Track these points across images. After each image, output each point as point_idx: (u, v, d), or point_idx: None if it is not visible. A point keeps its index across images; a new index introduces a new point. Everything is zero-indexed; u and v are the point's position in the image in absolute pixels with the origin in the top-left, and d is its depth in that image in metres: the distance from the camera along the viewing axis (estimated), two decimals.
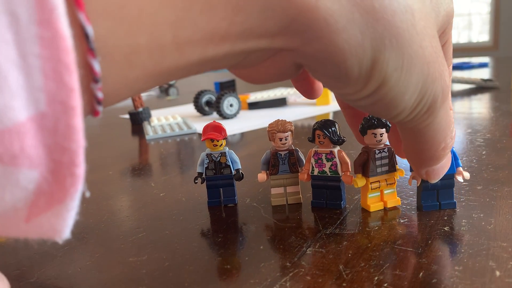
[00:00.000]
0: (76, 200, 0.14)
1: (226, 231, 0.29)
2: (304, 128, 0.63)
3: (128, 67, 0.14)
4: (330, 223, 0.29)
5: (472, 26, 4.58)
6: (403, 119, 0.21)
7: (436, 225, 0.27)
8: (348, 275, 0.23)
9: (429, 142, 0.22)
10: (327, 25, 0.16)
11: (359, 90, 0.19)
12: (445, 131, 0.22)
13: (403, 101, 0.19)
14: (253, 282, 0.23)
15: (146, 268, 0.25)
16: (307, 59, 0.17)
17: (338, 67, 0.17)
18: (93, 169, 0.49)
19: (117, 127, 0.76)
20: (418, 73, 0.19)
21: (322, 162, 0.31)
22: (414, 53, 0.18)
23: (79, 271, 0.26)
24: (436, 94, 0.20)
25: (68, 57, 0.12)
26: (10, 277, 0.25)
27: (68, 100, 0.12)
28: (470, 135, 0.49)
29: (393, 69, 0.18)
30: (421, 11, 0.19)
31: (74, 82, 0.12)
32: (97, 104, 0.14)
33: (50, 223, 0.14)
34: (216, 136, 0.33)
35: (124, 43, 0.14)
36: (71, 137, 0.13)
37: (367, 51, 0.17)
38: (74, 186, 0.13)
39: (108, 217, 0.34)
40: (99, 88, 0.13)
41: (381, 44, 0.17)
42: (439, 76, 0.20)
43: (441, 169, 0.25)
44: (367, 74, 0.18)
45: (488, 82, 0.85)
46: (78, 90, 0.12)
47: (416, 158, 0.24)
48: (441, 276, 0.22)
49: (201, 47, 0.15)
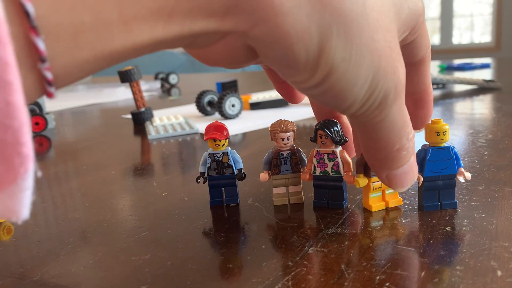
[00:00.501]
0: (29, 180, 0.13)
1: (228, 231, 0.30)
2: (306, 128, 0.63)
3: (75, 47, 0.14)
4: (332, 222, 0.29)
5: (474, 27, 4.57)
6: (354, 113, 0.20)
7: (437, 225, 0.28)
8: (350, 275, 0.23)
9: (383, 140, 0.22)
10: (272, 7, 0.16)
11: (307, 79, 0.18)
12: (400, 131, 0.22)
13: (352, 93, 0.19)
14: (255, 281, 0.23)
15: (149, 267, 0.25)
16: (256, 42, 0.17)
17: (285, 52, 0.17)
18: (95, 168, 0.49)
19: (119, 127, 0.76)
20: (368, 65, 0.18)
21: (324, 162, 0.31)
22: (363, 45, 0.18)
23: (82, 270, 0.26)
24: (387, 89, 0.19)
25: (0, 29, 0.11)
26: (13, 275, 0.25)
27: (3, 74, 0.12)
28: (472, 136, 0.49)
29: (341, 59, 0.18)
30: (375, 3, 0.18)
31: (8, 56, 0.12)
32: (48, 85, 0.14)
33: (4, 204, 0.14)
34: (219, 136, 0.33)
35: (68, 21, 0.13)
36: (11, 114, 0.12)
37: (314, 37, 0.17)
38: (23, 165, 0.13)
39: (111, 216, 0.34)
40: (47, 67, 0.13)
41: (328, 31, 0.17)
42: (392, 71, 0.19)
43: (403, 176, 0.24)
44: (314, 62, 0.18)
45: (490, 83, 0.85)
46: (14, 65, 0.12)
47: (373, 158, 0.24)
48: (442, 275, 0.22)
49: (149, 26, 0.15)
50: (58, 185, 0.44)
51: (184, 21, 0.16)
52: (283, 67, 0.18)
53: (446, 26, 4.58)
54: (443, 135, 0.29)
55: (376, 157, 0.23)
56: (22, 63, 0.13)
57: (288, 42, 0.17)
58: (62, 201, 0.39)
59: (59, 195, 0.40)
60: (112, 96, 1.22)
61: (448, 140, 0.29)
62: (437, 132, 0.29)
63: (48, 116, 0.77)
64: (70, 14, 0.13)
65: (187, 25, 0.16)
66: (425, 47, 0.25)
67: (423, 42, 0.25)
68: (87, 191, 0.41)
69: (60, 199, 0.39)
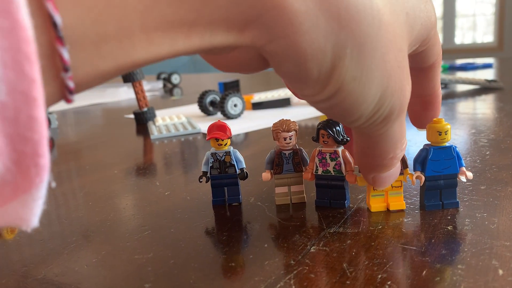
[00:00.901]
0: (42, 190, 0.14)
1: (231, 230, 0.30)
2: (308, 128, 0.63)
3: (98, 57, 0.14)
4: (334, 222, 0.29)
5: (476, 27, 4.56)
6: (358, 126, 0.21)
7: (439, 224, 0.28)
8: (351, 273, 0.23)
9: (380, 150, 0.23)
10: (291, 25, 0.16)
11: (317, 93, 0.19)
12: (396, 143, 0.23)
13: (359, 110, 0.19)
14: (257, 279, 0.23)
15: (152, 265, 0.25)
16: (270, 55, 0.18)
17: (299, 68, 0.18)
18: (98, 168, 0.49)
19: (122, 127, 0.77)
20: (377, 84, 0.19)
21: (326, 162, 0.32)
22: (375, 65, 0.18)
23: (86, 268, 0.26)
24: (393, 106, 0.20)
25: (28, 47, 0.12)
26: (17, 274, 0.26)
27: (29, 90, 0.12)
28: (474, 136, 0.49)
29: (352, 78, 0.18)
30: (391, 25, 0.19)
31: (35, 73, 0.12)
32: (69, 93, 0.14)
33: (16, 212, 0.14)
34: (221, 136, 0.33)
35: (92, 31, 0.14)
36: (33, 128, 0.12)
37: (328, 56, 0.17)
38: (39, 176, 0.13)
39: (114, 215, 0.34)
40: (70, 77, 0.14)
41: (342, 52, 0.17)
42: (399, 90, 0.20)
43: (388, 178, 0.26)
44: (326, 78, 0.18)
45: (492, 83, 0.84)
46: (39, 81, 0.12)
47: (366, 162, 0.25)
48: (444, 274, 0.22)
49: (170, 38, 0.15)
50: (61, 184, 0.44)
51: (204, 34, 0.16)
52: (294, 80, 0.19)
53: (448, 26, 4.57)
54: (444, 135, 0.29)
55: (369, 162, 0.25)
56: (46, 72, 0.13)
57: (303, 59, 0.17)
58: (65, 201, 0.39)
59: (62, 195, 0.40)
60: (114, 96, 1.23)
61: (450, 139, 0.29)
62: (439, 131, 0.29)
63: (50, 116, 0.77)
64: (95, 24, 0.14)
65: (207, 38, 0.16)
66: (436, 55, 0.25)
67: (434, 51, 0.25)
68: (90, 190, 0.41)
69: (63, 199, 0.39)
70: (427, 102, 0.29)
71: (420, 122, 0.30)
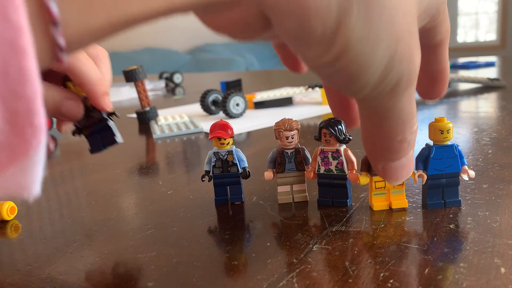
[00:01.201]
0: (41, 152, 0.13)
1: (233, 228, 0.30)
2: (310, 127, 0.63)
3: (90, 12, 0.13)
4: (336, 220, 0.29)
5: (479, 25, 4.55)
6: (364, 96, 0.20)
7: (441, 223, 0.28)
8: (354, 272, 0.23)
9: (387, 128, 0.21)
10: None
11: (321, 55, 0.18)
12: (405, 123, 0.21)
13: (366, 74, 0.18)
14: (260, 278, 0.23)
15: (155, 264, 0.26)
16: (272, 10, 0.17)
17: (301, 24, 0.17)
18: (101, 167, 0.49)
19: (124, 126, 0.77)
20: (385, 48, 0.18)
21: (328, 161, 0.32)
22: (383, 26, 0.17)
23: (89, 267, 0.26)
24: (401, 74, 0.19)
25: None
26: (21, 272, 0.26)
27: (16, 39, 0.11)
28: (477, 134, 0.49)
29: (358, 38, 0.17)
30: None
31: (21, 19, 0.11)
32: (60, 51, 0.13)
33: (16, 179, 0.13)
34: (223, 135, 0.33)
35: None
36: (25, 82, 0.12)
37: (333, 12, 0.16)
38: (35, 137, 0.13)
39: (117, 214, 0.34)
40: (60, 33, 0.13)
41: (349, 8, 0.17)
42: (408, 57, 0.19)
43: (400, 169, 0.23)
44: (331, 37, 0.17)
45: (495, 82, 0.84)
46: (27, 29, 0.11)
47: (373, 146, 0.23)
48: (446, 272, 0.22)
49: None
50: (64, 184, 0.44)
51: None
52: (297, 40, 0.18)
53: (450, 24, 4.51)
54: (447, 133, 0.29)
55: (376, 146, 0.23)
56: (34, 27, 0.12)
57: (306, 15, 0.16)
58: (68, 200, 0.39)
59: (65, 194, 0.41)
60: (117, 96, 1.23)
61: (452, 138, 0.29)
62: (441, 130, 0.29)
63: None
64: None
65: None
66: (444, 32, 0.24)
67: (443, 27, 0.24)
68: (93, 189, 0.41)
69: (66, 198, 0.40)
70: (435, 79, 0.28)
71: (428, 94, 0.28)
